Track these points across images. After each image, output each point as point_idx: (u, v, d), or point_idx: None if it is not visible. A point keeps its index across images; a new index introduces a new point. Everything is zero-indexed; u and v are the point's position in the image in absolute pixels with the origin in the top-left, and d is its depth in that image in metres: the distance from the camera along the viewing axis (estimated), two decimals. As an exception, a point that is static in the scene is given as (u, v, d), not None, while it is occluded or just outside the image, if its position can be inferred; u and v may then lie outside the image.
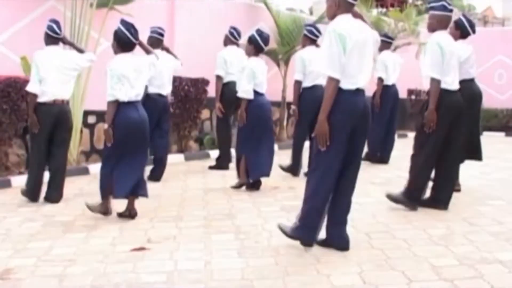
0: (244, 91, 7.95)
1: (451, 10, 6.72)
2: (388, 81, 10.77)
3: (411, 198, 6.84)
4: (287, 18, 13.59)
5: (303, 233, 5.32)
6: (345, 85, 5.06)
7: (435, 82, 6.61)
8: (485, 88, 16.40)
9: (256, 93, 8.00)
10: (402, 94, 13.64)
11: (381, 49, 10.87)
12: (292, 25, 13.25)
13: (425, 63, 6.67)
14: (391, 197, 6.97)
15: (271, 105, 8.40)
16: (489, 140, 14.21)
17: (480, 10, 40.81)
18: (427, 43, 6.76)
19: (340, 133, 5.07)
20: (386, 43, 10.98)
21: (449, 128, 6.72)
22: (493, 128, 16.62)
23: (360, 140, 5.28)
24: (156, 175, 8.97)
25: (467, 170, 8.58)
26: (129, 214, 6.68)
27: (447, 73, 6.66)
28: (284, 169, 9.37)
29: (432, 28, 6.80)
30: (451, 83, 6.73)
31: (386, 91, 10.76)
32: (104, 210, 6.68)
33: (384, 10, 19.22)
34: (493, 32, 19.47)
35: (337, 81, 5.01)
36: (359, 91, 5.15)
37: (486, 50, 16.79)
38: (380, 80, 10.74)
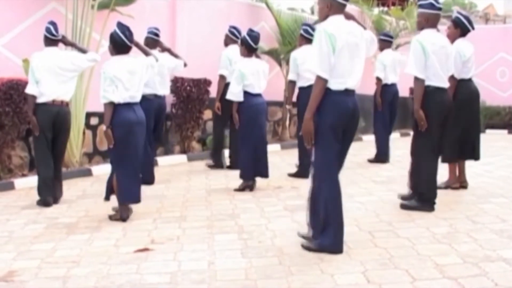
0: (232, 93, 7.98)
1: (439, 8, 6.70)
2: (387, 80, 10.74)
3: (424, 200, 6.80)
4: (289, 17, 13.62)
5: (326, 241, 5.21)
6: (334, 85, 5.08)
7: (418, 81, 6.62)
8: (487, 86, 16.55)
9: (248, 94, 8.01)
10: (405, 92, 13.66)
11: (381, 48, 10.87)
12: (293, 25, 13.25)
13: (409, 62, 6.68)
14: (406, 207, 6.90)
15: (266, 105, 8.39)
16: (492, 138, 14.23)
17: (481, 8, 40.84)
18: (411, 42, 6.77)
19: (333, 133, 5.10)
20: (387, 42, 10.98)
21: (441, 126, 6.72)
22: (496, 125, 16.62)
23: (349, 140, 5.31)
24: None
25: (470, 168, 8.57)
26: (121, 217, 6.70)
27: (433, 71, 6.64)
28: (293, 175, 9.27)
29: (420, 26, 6.80)
30: (439, 80, 6.72)
31: (386, 90, 10.74)
32: (125, 214, 6.70)
33: (385, 8, 19.21)
34: (495, 30, 19.44)
35: (325, 81, 5.03)
36: (348, 92, 5.16)
37: (488, 48, 16.79)
38: (378, 80, 10.72)
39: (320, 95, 5.03)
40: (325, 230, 5.20)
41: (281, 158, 11.16)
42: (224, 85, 9.78)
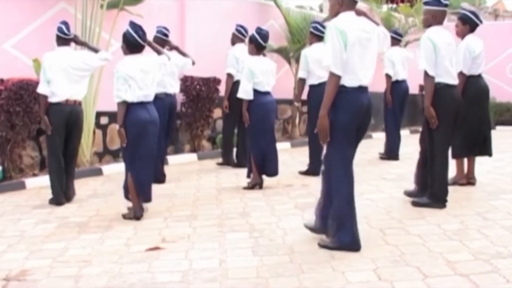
0: (243, 91, 7.99)
1: (445, 5, 6.70)
2: (398, 77, 10.74)
3: (436, 198, 6.78)
4: (297, 15, 13.58)
5: (346, 238, 5.22)
6: (349, 82, 5.09)
7: (429, 78, 6.61)
8: (497, 82, 16.47)
9: (257, 92, 8.02)
10: (414, 89, 13.65)
11: (390, 45, 10.87)
12: (302, 23, 13.23)
13: (420, 59, 6.68)
14: (417, 204, 6.86)
15: (275, 103, 8.40)
16: (502, 134, 14.16)
17: (490, 4, 40.66)
18: (421, 39, 6.76)
19: (349, 130, 5.11)
20: (395, 39, 10.96)
21: (453, 122, 6.72)
22: (506, 122, 16.52)
23: (362, 135, 5.33)
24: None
25: (480, 164, 8.54)
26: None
27: (443, 68, 6.64)
28: (304, 173, 9.26)
29: (427, 24, 6.80)
30: (449, 77, 6.71)
31: (396, 87, 10.74)
32: (139, 213, 6.72)
33: (394, 5, 19.16)
34: (504, 26, 19.36)
35: (338, 77, 5.04)
36: (362, 88, 5.18)
37: (497, 44, 16.70)
38: (388, 76, 10.72)
39: (334, 91, 5.03)
40: (343, 228, 5.20)
41: (291, 156, 11.17)
42: (232, 83, 9.82)
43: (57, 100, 7.35)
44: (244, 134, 8.97)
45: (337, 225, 5.22)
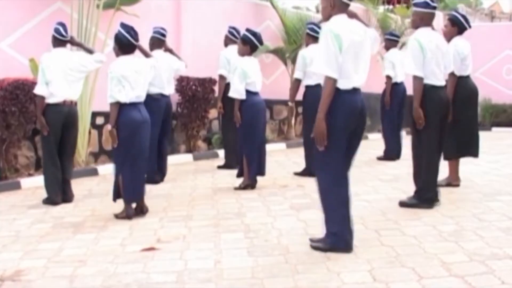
0: (236, 91, 8.00)
1: (434, 7, 6.73)
2: (396, 79, 10.76)
3: (424, 199, 6.78)
4: (294, 16, 13.59)
5: (337, 240, 5.21)
6: (342, 84, 5.07)
7: (417, 79, 6.65)
8: (493, 83, 16.50)
9: (249, 92, 8.03)
10: (411, 91, 13.67)
11: (388, 47, 10.89)
12: (298, 24, 13.24)
13: (408, 61, 6.71)
14: (405, 204, 6.88)
15: (265, 103, 8.42)
16: (498, 136, 14.20)
17: (487, 5, 40.72)
18: (408, 40, 6.79)
19: (342, 133, 5.08)
20: (393, 41, 10.99)
21: (440, 124, 6.73)
22: (502, 123, 16.52)
23: (358, 139, 5.31)
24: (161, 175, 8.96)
25: (476, 166, 8.55)
26: (141, 211, 6.73)
27: (430, 70, 6.66)
28: (300, 174, 9.25)
29: (415, 25, 6.85)
30: (435, 78, 6.73)
31: (395, 88, 10.76)
32: (131, 212, 6.72)
33: (390, 7, 19.19)
34: (501, 27, 19.36)
35: (335, 81, 5.02)
36: (356, 90, 5.17)
37: (493, 45, 16.69)
38: (389, 78, 10.73)
39: (331, 95, 5.00)
40: (335, 229, 5.19)
41: (287, 156, 11.17)
42: (224, 84, 9.81)
43: (55, 101, 7.35)
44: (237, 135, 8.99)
45: (329, 226, 5.21)
